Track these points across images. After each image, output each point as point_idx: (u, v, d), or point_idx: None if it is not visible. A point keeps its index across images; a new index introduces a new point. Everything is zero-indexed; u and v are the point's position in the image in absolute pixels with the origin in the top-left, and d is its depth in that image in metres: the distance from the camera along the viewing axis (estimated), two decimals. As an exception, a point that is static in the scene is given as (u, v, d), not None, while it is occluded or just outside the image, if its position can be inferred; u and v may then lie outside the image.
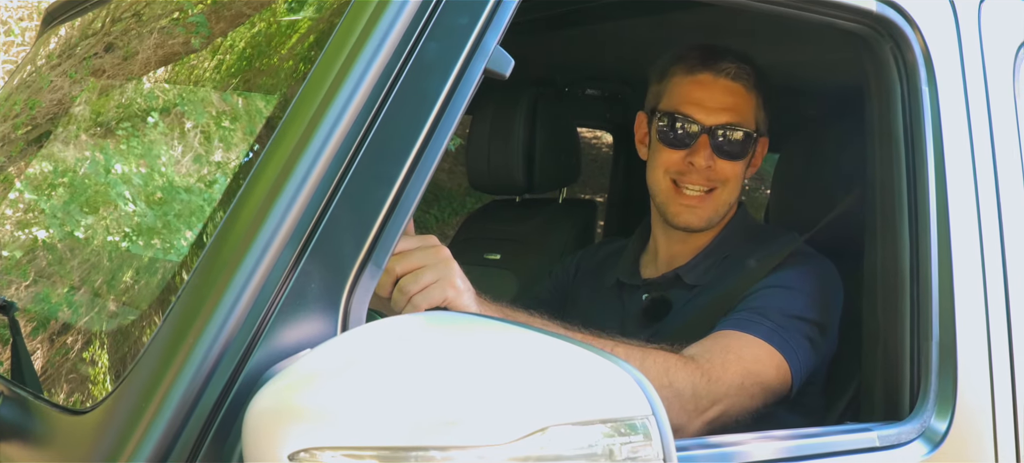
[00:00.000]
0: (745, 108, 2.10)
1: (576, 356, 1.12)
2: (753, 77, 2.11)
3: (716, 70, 2.08)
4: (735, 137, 2.08)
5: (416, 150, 1.27)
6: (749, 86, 2.10)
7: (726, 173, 2.10)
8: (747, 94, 2.10)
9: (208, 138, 2.01)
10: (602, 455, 1.08)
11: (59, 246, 2.07)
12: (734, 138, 2.08)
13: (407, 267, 1.48)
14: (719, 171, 2.09)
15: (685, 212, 2.11)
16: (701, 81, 2.09)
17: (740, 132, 2.08)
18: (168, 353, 1.17)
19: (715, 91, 2.08)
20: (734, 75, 2.08)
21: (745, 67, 2.09)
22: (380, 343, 1.14)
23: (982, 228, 1.73)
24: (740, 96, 2.09)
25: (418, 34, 1.29)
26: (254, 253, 1.18)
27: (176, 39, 2.16)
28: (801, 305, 1.92)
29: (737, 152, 2.09)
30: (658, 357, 1.70)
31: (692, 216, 2.11)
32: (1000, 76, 1.81)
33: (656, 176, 2.14)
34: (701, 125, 2.07)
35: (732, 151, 2.09)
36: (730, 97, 2.08)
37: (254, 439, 1.10)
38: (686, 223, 2.12)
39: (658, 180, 2.14)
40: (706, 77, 2.09)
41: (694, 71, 2.10)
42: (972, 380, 1.68)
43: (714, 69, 2.08)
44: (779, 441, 1.54)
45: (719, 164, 2.08)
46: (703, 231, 2.15)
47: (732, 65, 2.08)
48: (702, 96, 2.08)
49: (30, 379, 1.53)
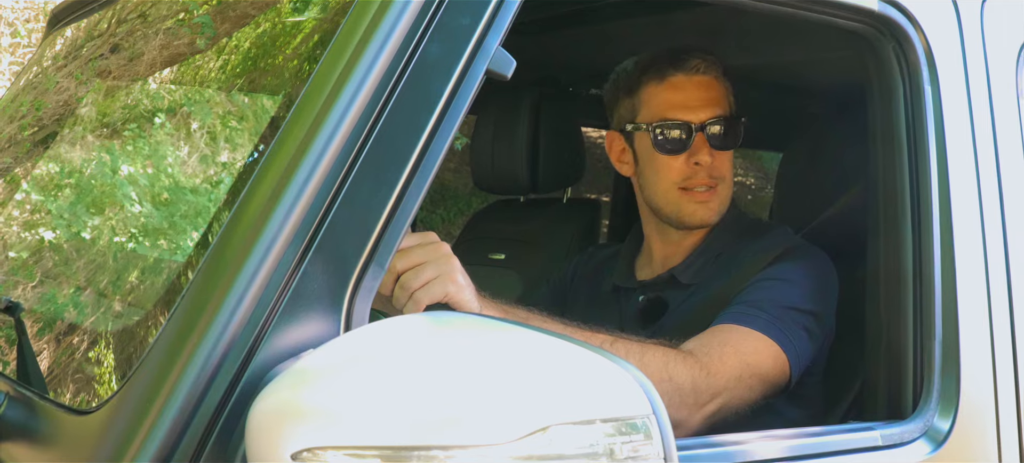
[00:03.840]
0: (722, 97, 2.14)
1: (577, 356, 1.13)
2: (719, 66, 2.14)
3: (687, 69, 2.11)
4: (724, 127, 2.11)
5: (418, 151, 1.28)
6: (718, 75, 2.14)
7: (723, 170, 2.13)
8: (719, 84, 2.14)
9: (212, 139, 2.01)
10: (603, 454, 1.09)
11: (65, 246, 2.08)
12: (724, 129, 2.11)
13: (408, 264, 1.49)
14: (718, 168, 2.12)
15: (700, 209, 2.13)
16: (676, 84, 2.12)
17: (727, 121, 2.12)
18: (172, 353, 1.18)
19: (692, 89, 2.11)
20: (704, 70, 2.11)
21: (709, 58, 2.12)
22: (382, 342, 1.15)
23: (985, 226, 1.73)
24: (714, 88, 2.13)
25: (420, 35, 1.30)
26: (257, 253, 1.19)
27: (181, 40, 2.16)
28: (796, 296, 1.94)
29: (730, 141, 2.13)
30: (657, 352, 1.71)
31: (706, 211, 2.13)
32: (1003, 75, 1.81)
33: (662, 187, 2.15)
34: (692, 125, 2.10)
35: (726, 141, 2.12)
36: (707, 91, 2.11)
37: (258, 438, 1.11)
38: (702, 220, 2.14)
39: (664, 190, 2.15)
40: (679, 79, 2.12)
41: (666, 76, 2.12)
42: (975, 379, 1.68)
43: (685, 69, 2.11)
44: (782, 440, 1.54)
45: (718, 158, 2.11)
46: (713, 224, 2.17)
47: (700, 61, 2.11)
48: (683, 98, 2.11)
49: (35, 379, 1.54)
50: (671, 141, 2.10)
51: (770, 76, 2.87)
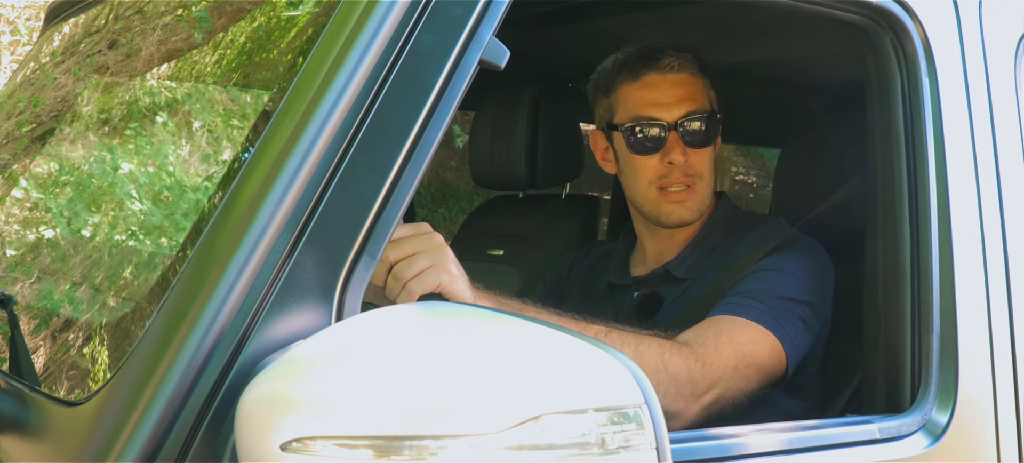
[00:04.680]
0: (698, 93, 2.12)
1: (569, 345, 1.12)
2: (695, 62, 2.13)
3: (660, 68, 2.10)
4: (700, 124, 2.10)
5: (411, 140, 1.27)
6: (694, 71, 2.12)
7: (700, 168, 2.12)
8: (694, 80, 2.12)
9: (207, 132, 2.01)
10: (595, 444, 1.08)
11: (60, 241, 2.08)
12: (698, 126, 2.10)
13: (401, 254, 1.49)
14: (694, 166, 2.11)
15: (677, 209, 2.12)
16: (649, 83, 2.11)
17: (702, 118, 2.10)
18: (162, 344, 1.17)
19: (666, 87, 2.10)
20: (678, 67, 2.10)
21: (684, 55, 2.11)
22: (373, 332, 1.14)
23: (983, 219, 1.72)
24: (689, 84, 2.11)
25: (413, 24, 1.29)
26: (248, 243, 1.18)
27: (179, 35, 2.16)
28: (791, 286, 1.93)
29: (705, 138, 2.11)
30: (652, 343, 1.71)
31: (684, 210, 2.12)
32: (1001, 67, 1.80)
33: (640, 187, 2.15)
34: (665, 123, 2.09)
35: (701, 139, 2.11)
36: (681, 88, 2.10)
37: (247, 429, 1.10)
38: (680, 219, 2.14)
39: (643, 190, 2.15)
40: (653, 78, 2.11)
41: (639, 75, 2.12)
42: (973, 372, 1.67)
43: (658, 67, 2.10)
44: (779, 433, 1.54)
45: (693, 156, 2.10)
46: (692, 223, 2.16)
47: (673, 58, 2.10)
48: (656, 96, 2.10)
49: (27, 372, 1.54)
50: (645, 139, 2.10)
51: (768, 72, 2.87)
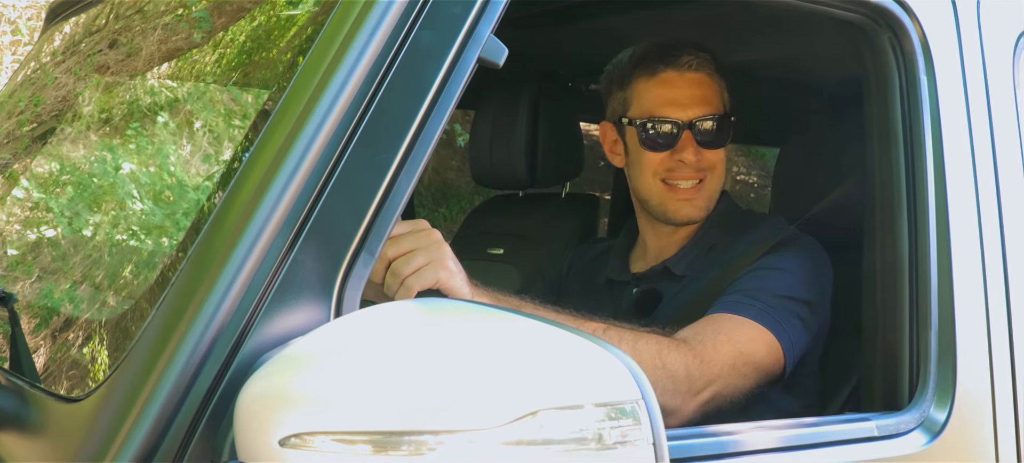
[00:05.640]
0: (713, 95, 2.12)
1: (566, 341, 1.13)
2: (712, 63, 2.13)
3: (678, 66, 2.10)
4: (713, 125, 2.10)
5: (409, 138, 1.28)
6: (711, 72, 2.12)
7: (712, 160, 2.12)
8: (711, 81, 2.12)
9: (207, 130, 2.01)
10: (592, 439, 1.08)
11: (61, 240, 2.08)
12: (713, 127, 2.10)
13: (399, 250, 1.50)
14: (706, 159, 2.11)
15: (684, 206, 2.13)
16: (667, 80, 2.11)
17: (716, 120, 2.10)
18: (161, 340, 1.18)
19: (683, 86, 2.10)
20: (696, 66, 2.10)
21: (703, 55, 2.11)
22: (371, 328, 1.15)
23: (981, 217, 1.72)
24: (706, 85, 2.11)
25: (412, 22, 1.29)
26: (247, 241, 1.19)
27: (179, 34, 2.16)
28: (789, 285, 1.93)
29: (718, 139, 2.12)
30: (651, 340, 1.71)
31: (691, 208, 2.13)
32: (999, 66, 1.80)
33: (645, 181, 2.15)
34: (680, 123, 2.09)
35: (714, 140, 2.11)
36: (698, 89, 2.10)
37: (246, 424, 1.11)
38: (687, 217, 2.13)
39: (648, 184, 2.15)
40: (670, 75, 2.10)
41: (657, 72, 2.11)
42: (972, 370, 1.68)
43: (676, 65, 2.10)
44: (777, 430, 1.54)
45: (705, 154, 2.10)
46: (699, 221, 2.16)
47: (692, 57, 2.10)
48: (672, 94, 2.10)
49: (28, 369, 1.54)
50: (659, 137, 2.10)
51: (767, 71, 2.87)
